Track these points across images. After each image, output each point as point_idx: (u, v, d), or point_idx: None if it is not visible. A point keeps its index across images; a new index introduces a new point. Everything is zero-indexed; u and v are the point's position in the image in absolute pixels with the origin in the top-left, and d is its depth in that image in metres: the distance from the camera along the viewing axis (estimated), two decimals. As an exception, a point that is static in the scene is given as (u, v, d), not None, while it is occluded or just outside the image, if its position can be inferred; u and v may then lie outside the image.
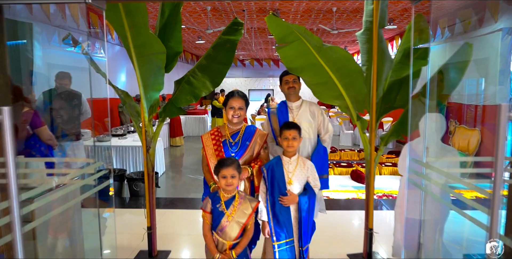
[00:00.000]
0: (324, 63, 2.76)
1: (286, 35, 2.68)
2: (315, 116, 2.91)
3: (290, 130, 2.39)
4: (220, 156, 2.47)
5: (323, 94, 2.99)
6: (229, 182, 2.18)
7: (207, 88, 3.07)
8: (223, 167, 2.18)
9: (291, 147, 2.39)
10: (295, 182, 2.43)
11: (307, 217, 2.43)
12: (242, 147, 2.52)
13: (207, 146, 2.53)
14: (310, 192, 2.44)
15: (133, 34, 2.58)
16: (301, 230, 2.42)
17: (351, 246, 3.37)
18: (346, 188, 6.00)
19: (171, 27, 2.96)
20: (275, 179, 2.41)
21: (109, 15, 2.51)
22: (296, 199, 2.39)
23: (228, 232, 2.21)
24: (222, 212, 2.22)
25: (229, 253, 2.20)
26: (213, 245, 2.24)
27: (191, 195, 5.26)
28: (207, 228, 2.26)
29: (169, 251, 3.28)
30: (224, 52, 3.08)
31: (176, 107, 3.06)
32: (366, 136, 3.01)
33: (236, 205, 2.23)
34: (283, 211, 2.40)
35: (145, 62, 2.75)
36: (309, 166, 2.49)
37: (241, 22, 3.07)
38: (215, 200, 2.25)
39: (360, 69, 2.85)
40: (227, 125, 2.57)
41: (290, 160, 2.45)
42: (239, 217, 2.22)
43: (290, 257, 2.42)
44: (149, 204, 3.05)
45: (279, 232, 2.41)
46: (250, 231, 2.28)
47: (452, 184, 2.24)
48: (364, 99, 2.90)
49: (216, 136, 2.54)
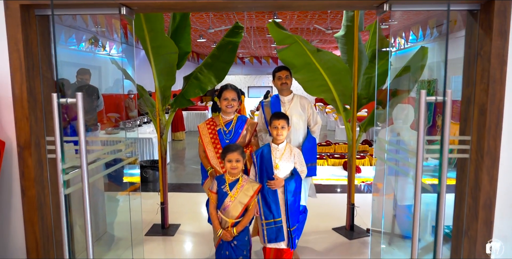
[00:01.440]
0: (317, 62, 3.24)
1: (284, 38, 3.17)
2: (305, 109, 3.13)
3: (279, 120, 2.60)
4: (216, 143, 2.74)
5: (313, 89, 3.48)
6: (234, 165, 2.41)
7: (212, 83, 3.56)
8: (229, 152, 2.41)
9: (280, 134, 2.61)
10: (281, 167, 2.63)
11: (294, 199, 2.64)
12: (235, 135, 2.78)
13: (203, 135, 2.79)
14: (296, 177, 2.65)
15: (151, 37, 3.07)
16: (287, 211, 2.62)
17: (336, 221, 3.86)
18: (339, 177, 6.49)
19: (182, 31, 3.45)
20: (264, 164, 2.62)
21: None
22: (282, 183, 2.59)
23: (230, 211, 2.43)
24: (226, 192, 2.44)
25: (230, 230, 2.43)
26: (217, 222, 2.48)
27: (194, 182, 5.76)
28: (213, 206, 2.51)
29: (179, 224, 3.78)
30: (227, 52, 3.58)
31: (186, 99, 3.56)
32: (349, 124, 3.51)
33: (239, 188, 2.44)
34: (271, 194, 2.61)
35: (160, 60, 3.24)
36: (296, 153, 2.70)
37: (242, 26, 3.56)
38: (220, 181, 2.49)
39: (347, 68, 3.34)
40: (221, 116, 2.82)
41: (278, 147, 2.66)
42: (241, 198, 2.43)
43: (278, 235, 2.62)
44: (162, 183, 3.54)
45: (267, 212, 2.62)
46: (252, 211, 2.49)
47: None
48: (350, 93, 3.40)
49: (212, 125, 2.80)
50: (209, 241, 3.28)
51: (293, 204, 2.65)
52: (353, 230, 3.60)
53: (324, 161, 7.42)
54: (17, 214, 2.40)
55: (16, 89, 2.27)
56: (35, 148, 2.35)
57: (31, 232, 2.39)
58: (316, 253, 3.22)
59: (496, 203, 2.29)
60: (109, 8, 2.28)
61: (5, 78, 2.28)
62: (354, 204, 3.58)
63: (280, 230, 2.63)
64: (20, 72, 2.25)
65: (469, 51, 2.39)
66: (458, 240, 2.51)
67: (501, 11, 2.13)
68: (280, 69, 3.09)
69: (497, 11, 2.13)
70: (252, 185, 2.49)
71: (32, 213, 2.37)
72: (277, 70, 3.11)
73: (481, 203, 2.29)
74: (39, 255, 2.41)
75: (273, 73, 3.15)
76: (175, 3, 2.23)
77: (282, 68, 3.09)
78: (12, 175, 2.36)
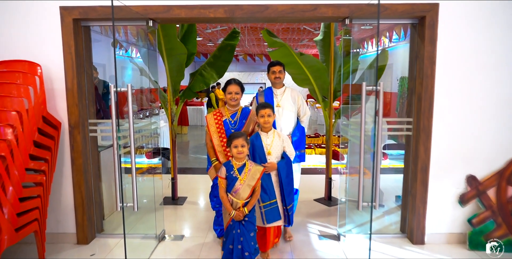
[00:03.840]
0: (301, 62, 3.98)
1: (274, 42, 3.91)
2: (296, 101, 3.31)
3: (266, 109, 2.76)
4: (221, 133, 2.94)
5: (299, 81, 4.23)
6: (239, 150, 2.55)
7: (214, 78, 4.30)
8: (234, 139, 2.56)
9: (267, 122, 2.77)
10: (273, 152, 2.80)
11: (287, 180, 2.81)
12: (239, 124, 2.98)
13: (210, 124, 2.98)
14: (287, 159, 2.82)
15: (165, 41, 3.79)
16: (283, 192, 2.82)
17: (317, 194, 4.61)
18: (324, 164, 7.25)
19: (189, 35, 4.17)
20: (256, 152, 2.78)
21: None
22: (275, 166, 2.77)
23: (241, 194, 2.57)
24: (236, 177, 2.58)
25: (242, 210, 2.58)
26: (228, 204, 2.60)
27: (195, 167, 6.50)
28: (223, 190, 2.61)
29: (186, 197, 4.51)
30: (226, 53, 4.31)
31: (192, 92, 4.29)
32: (327, 112, 4.26)
33: (247, 172, 2.60)
34: (265, 177, 2.75)
35: (172, 60, 3.96)
36: (284, 138, 2.89)
37: (238, 31, 4.29)
38: (228, 167, 2.61)
39: (324, 67, 4.09)
40: (226, 107, 3.04)
41: (267, 134, 2.83)
42: (249, 181, 2.58)
43: (275, 215, 2.81)
44: (172, 161, 4.27)
45: (263, 195, 2.77)
46: (258, 191, 2.66)
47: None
48: (327, 87, 4.15)
49: (218, 116, 3.02)
50: (212, 210, 4.01)
51: (288, 184, 2.82)
52: (331, 200, 4.35)
53: (312, 150, 8.19)
54: (67, 180, 3.12)
55: (68, 83, 2.99)
56: (82, 128, 3.07)
57: (78, 192, 3.12)
58: (303, 216, 3.94)
59: (430, 167, 3.06)
60: (139, 21, 3.00)
61: (59, 75, 2.99)
62: (331, 178, 4.33)
63: (276, 209, 2.81)
64: (72, 70, 2.97)
65: (412, 55, 3.15)
66: (406, 198, 3.28)
67: (431, 24, 2.89)
68: (275, 64, 3.23)
69: (428, 24, 2.89)
70: (258, 168, 2.65)
71: (79, 177, 3.10)
72: (271, 65, 3.25)
73: (419, 168, 3.06)
74: (84, 210, 3.14)
75: (268, 67, 3.30)
76: (189, 18, 2.96)
77: (277, 64, 3.23)
78: (64, 148, 3.08)
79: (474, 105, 2.99)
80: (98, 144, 3.35)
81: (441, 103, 2.99)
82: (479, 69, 2.95)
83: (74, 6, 2.88)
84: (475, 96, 2.98)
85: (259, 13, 2.88)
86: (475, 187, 3.04)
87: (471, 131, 3.01)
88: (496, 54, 2.93)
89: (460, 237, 3.13)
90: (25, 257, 2.95)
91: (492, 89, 2.97)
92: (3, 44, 2.95)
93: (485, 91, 2.97)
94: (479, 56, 2.93)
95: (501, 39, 2.91)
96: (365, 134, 2.46)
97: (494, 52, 2.92)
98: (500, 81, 2.96)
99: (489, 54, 2.93)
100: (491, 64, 2.94)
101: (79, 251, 3.08)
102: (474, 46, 2.92)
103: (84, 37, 3.08)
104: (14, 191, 2.35)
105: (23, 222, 2.48)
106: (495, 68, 2.94)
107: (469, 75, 2.96)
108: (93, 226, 3.28)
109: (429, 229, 3.13)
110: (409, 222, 3.21)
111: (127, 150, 2.60)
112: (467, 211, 3.09)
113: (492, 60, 2.93)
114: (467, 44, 2.92)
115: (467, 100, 2.98)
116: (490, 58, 2.93)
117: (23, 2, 2.91)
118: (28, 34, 2.94)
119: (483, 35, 2.91)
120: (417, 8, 2.85)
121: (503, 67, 2.94)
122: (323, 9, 2.87)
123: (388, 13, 2.88)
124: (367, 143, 2.63)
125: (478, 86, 2.96)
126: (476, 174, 3.04)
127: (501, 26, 2.89)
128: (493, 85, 2.96)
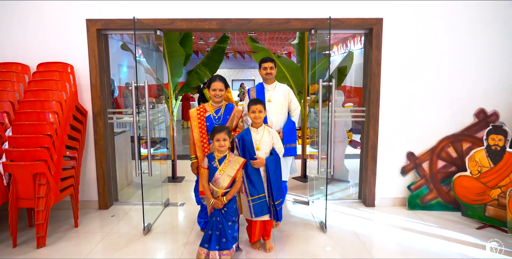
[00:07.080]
0: (279, 62, 4.79)
1: (257, 47, 4.72)
2: (287, 97, 3.35)
3: (257, 105, 2.77)
4: (202, 128, 2.97)
5: (278, 79, 5.04)
6: (221, 143, 2.64)
7: (208, 76, 5.10)
8: (217, 132, 2.64)
9: (258, 118, 2.77)
10: (262, 148, 2.80)
11: (275, 175, 2.81)
12: (223, 120, 3.01)
13: (193, 119, 2.99)
14: (275, 155, 2.83)
15: (167, 44, 4.57)
16: (270, 187, 2.81)
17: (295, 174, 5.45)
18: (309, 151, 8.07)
19: (186, 39, 4.95)
20: (246, 146, 2.78)
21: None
22: (263, 162, 2.77)
23: (220, 183, 2.67)
24: (216, 167, 2.69)
25: (221, 199, 2.67)
26: (209, 192, 2.71)
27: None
28: (205, 180, 2.73)
29: (184, 176, 5.31)
30: (218, 54, 5.11)
31: (189, 87, 5.08)
32: (301, 104, 5.10)
33: (227, 162, 2.69)
34: (254, 172, 2.78)
35: (172, 60, 4.74)
36: (274, 134, 2.87)
37: (228, 36, 5.08)
38: (210, 158, 2.73)
39: (298, 67, 4.91)
40: (210, 103, 3.04)
41: (257, 130, 2.83)
42: (229, 172, 2.67)
43: (263, 209, 2.82)
44: (172, 145, 5.06)
45: (252, 189, 2.79)
46: (238, 182, 2.72)
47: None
48: (302, 83, 4.98)
49: (201, 111, 3.02)
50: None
51: (276, 180, 2.82)
52: (306, 178, 5.19)
53: (300, 139, 9.04)
54: (91, 157, 3.89)
55: (92, 80, 3.75)
56: (102, 116, 3.84)
57: (100, 167, 3.89)
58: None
59: (378, 146, 3.91)
60: (149, 30, 3.77)
61: (85, 73, 3.75)
62: (306, 159, 5.17)
63: (264, 204, 2.83)
64: (95, 69, 3.73)
65: (365, 58, 3.99)
66: (361, 171, 4.14)
67: (377, 34, 3.72)
68: (266, 61, 3.26)
69: (374, 34, 3.72)
70: (238, 159, 2.72)
71: (101, 156, 3.87)
72: (263, 61, 3.27)
73: (369, 146, 3.91)
74: (104, 182, 3.92)
75: (259, 63, 3.33)
76: (189, 28, 3.74)
77: (268, 60, 3.26)
78: (89, 132, 3.85)
79: (412, 97, 3.84)
80: (114, 130, 4.13)
81: (386, 96, 3.83)
82: (417, 69, 3.79)
83: (98, 19, 3.64)
84: (413, 90, 3.83)
85: (244, 25, 3.68)
86: (413, 161, 3.90)
87: (410, 117, 3.87)
88: (431, 57, 3.77)
89: (402, 200, 4.00)
90: (63, 218, 3.72)
91: (426, 84, 3.82)
92: (40, 49, 3.70)
93: (421, 86, 3.82)
94: (417, 59, 3.77)
95: (435, 46, 3.75)
96: (322, 120, 3.29)
97: (430, 56, 3.76)
98: (433, 78, 3.81)
99: (425, 57, 3.77)
100: (426, 65, 3.78)
101: (101, 214, 3.86)
102: (413, 51, 3.76)
103: (104, 43, 3.85)
104: (58, 161, 3.13)
105: (64, 186, 3.26)
106: (429, 69, 3.79)
107: (408, 74, 3.80)
108: (111, 195, 4.06)
109: (378, 194, 3.99)
110: (363, 190, 4.06)
111: (143, 131, 3.39)
112: (407, 180, 3.96)
113: (427, 62, 3.78)
114: (407, 50, 3.76)
115: (407, 93, 3.83)
116: (426, 60, 3.77)
117: (57, 15, 3.66)
118: (59, 41, 3.70)
119: (421, 43, 3.74)
120: (366, 22, 3.68)
121: (435, 68, 3.79)
122: (294, 22, 3.69)
123: (345, 25, 3.70)
124: (324, 125, 3.46)
125: (416, 82, 3.81)
126: (414, 150, 3.90)
127: (435, 36, 3.73)
128: (427, 81, 3.81)
